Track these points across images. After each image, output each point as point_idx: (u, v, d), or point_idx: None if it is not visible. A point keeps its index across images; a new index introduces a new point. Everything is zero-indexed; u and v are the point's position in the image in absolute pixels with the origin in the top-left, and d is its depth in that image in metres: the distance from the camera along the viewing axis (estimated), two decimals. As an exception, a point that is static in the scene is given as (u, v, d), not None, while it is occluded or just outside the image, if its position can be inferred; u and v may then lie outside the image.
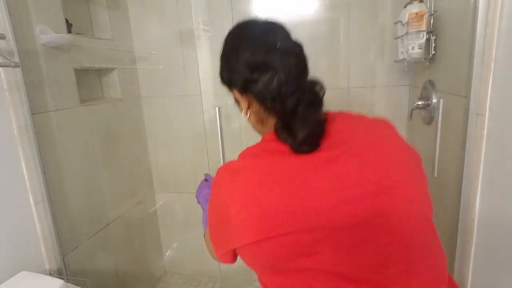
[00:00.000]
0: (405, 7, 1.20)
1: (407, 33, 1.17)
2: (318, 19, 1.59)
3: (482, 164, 0.86)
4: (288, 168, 0.57)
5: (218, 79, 0.71)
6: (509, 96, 0.75)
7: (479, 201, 0.88)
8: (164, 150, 1.99)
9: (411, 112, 1.32)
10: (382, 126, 0.66)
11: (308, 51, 0.65)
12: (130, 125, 1.86)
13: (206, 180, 1.02)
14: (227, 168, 0.63)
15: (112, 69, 1.73)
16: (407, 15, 1.17)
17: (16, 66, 1.07)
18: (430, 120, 1.23)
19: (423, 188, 0.61)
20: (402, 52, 1.26)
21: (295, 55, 0.63)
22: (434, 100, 1.18)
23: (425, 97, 1.24)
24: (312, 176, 0.55)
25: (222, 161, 1.54)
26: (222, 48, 0.69)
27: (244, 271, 2.00)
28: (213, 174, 0.69)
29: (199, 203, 0.95)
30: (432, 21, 1.16)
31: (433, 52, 1.17)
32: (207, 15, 1.72)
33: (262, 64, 0.61)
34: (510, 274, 0.75)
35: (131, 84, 1.86)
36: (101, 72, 1.74)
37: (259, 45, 0.62)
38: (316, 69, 0.67)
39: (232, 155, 1.72)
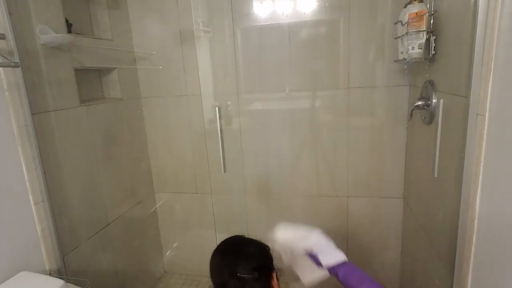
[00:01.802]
0: (405, 7, 1.20)
1: (407, 33, 1.17)
2: (318, 20, 1.59)
3: (482, 164, 0.86)
4: None
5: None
6: (509, 96, 0.75)
7: (479, 201, 0.88)
8: (164, 150, 1.99)
9: (411, 112, 1.32)
10: None
11: (309, 51, 0.65)
12: (130, 125, 1.86)
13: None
14: None
15: (112, 69, 1.73)
16: (407, 15, 1.17)
17: (16, 66, 1.07)
18: (430, 120, 1.23)
19: None
20: (402, 52, 1.26)
21: None
22: (434, 100, 1.18)
23: (425, 97, 1.24)
24: None
25: (222, 161, 1.54)
26: None
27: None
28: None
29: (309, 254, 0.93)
30: (432, 21, 1.15)
31: (433, 52, 1.16)
32: (207, 15, 1.72)
33: None
34: (510, 274, 0.75)
35: (131, 84, 1.86)
36: (101, 72, 1.75)
37: None
38: (316, 69, 0.67)
39: (232, 155, 1.73)
